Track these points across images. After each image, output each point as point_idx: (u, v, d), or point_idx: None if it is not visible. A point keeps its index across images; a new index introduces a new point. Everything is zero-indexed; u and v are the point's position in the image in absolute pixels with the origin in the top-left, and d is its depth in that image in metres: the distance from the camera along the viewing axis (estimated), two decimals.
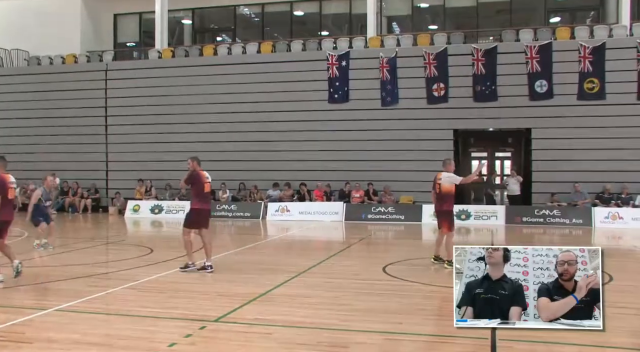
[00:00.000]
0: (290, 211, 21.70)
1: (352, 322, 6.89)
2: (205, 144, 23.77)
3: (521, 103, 20.69)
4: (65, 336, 6.11)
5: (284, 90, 23.20)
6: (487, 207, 21.22)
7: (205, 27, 29.30)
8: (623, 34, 20.90)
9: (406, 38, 23.10)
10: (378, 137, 22.12)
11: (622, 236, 17.41)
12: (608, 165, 20.30)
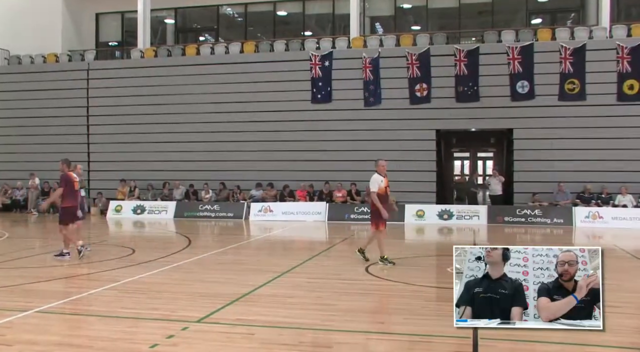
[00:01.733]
0: (273, 211, 21.67)
1: (334, 322, 6.91)
2: (188, 144, 23.70)
3: (503, 103, 20.84)
4: (46, 337, 6.06)
5: (267, 91, 23.16)
6: (470, 207, 21.35)
7: (188, 27, 29.17)
8: (603, 36, 21.12)
9: (389, 38, 23.16)
10: (361, 137, 22.15)
11: (602, 236, 17.59)
12: (588, 166, 20.50)
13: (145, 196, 23.66)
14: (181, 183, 23.45)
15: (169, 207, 22.57)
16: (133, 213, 22.75)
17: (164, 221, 21.70)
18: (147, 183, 23.66)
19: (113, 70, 25.26)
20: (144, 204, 22.99)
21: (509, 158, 22.51)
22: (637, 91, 19.50)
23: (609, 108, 20.28)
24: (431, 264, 12.54)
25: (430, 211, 20.76)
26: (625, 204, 19.83)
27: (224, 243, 15.05)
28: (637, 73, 19.42)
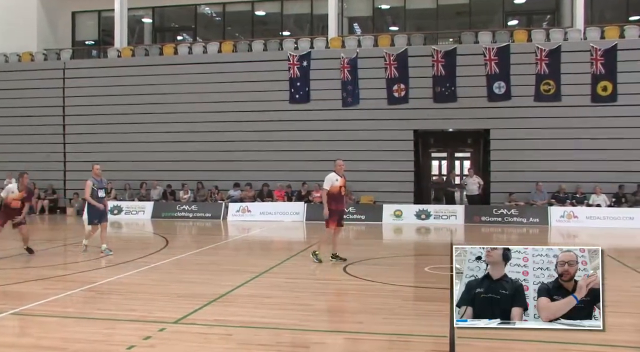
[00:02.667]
0: (251, 212, 21.62)
1: (312, 322, 6.92)
2: (166, 144, 23.55)
3: (480, 104, 21.00)
4: (21, 340, 6.00)
5: (245, 90, 23.11)
6: (447, 207, 21.50)
7: (166, 26, 29.00)
8: (577, 38, 21.39)
9: (367, 39, 23.24)
10: (339, 138, 22.20)
11: (577, 235, 17.82)
12: (563, 166, 20.75)
13: (122, 196, 23.46)
14: (159, 183, 23.29)
15: (146, 207, 22.42)
16: (110, 214, 22.46)
17: (141, 221, 21.56)
18: (124, 183, 23.46)
19: (89, 69, 25.02)
20: (121, 204, 22.80)
21: (486, 158, 22.70)
22: (611, 93, 19.75)
23: (583, 109, 20.55)
24: (409, 263, 12.61)
25: (407, 210, 20.87)
26: (599, 203, 20.11)
27: (201, 243, 14.99)
28: (611, 75, 19.66)
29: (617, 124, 20.39)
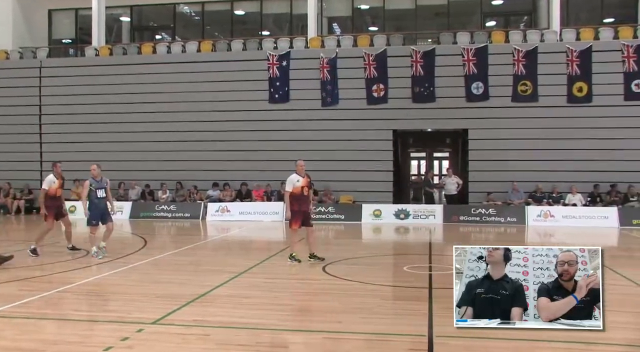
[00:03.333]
0: (230, 211, 21.56)
1: (291, 322, 6.93)
2: (144, 144, 23.39)
3: (458, 104, 21.16)
4: None
5: (224, 90, 23.03)
6: (426, 207, 21.61)
7: (144, 25, 28.78)
8: (554, 39, 21.63)
9: (346, 39, 23.29)
10: (318, 137, 22.22)
11: (553, 234, 18.02)
12: (540, 166, 20.97)
13: None
14: (137, 183, 23.12)
15: (124, 207, 22.22)
16: None
17: (120, 221, 21.33)
18: None
19: (66, 68, 24.76)
20: None
21: (464, 158, 22.87)
22: (586, 93, 20.08)
23: (559, 109, 20.79)
24: (388, 263, 12.67)
25: (386, 210, 20.95)
26: (575, 203, 20.37)
27: (180, 244, 14.93)
28: (586, 76, 19.98)
29: (592, 125, 20.66)
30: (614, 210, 19.51)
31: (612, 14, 24.14)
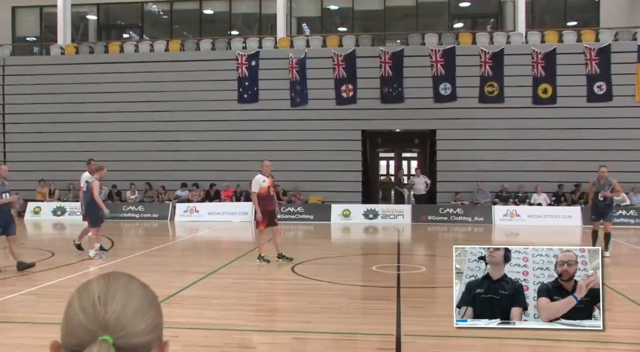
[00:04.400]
0: (199, 212, 21.44)
1: (260, 322, 6.94)
2: (112, 144, 23.08)
3: (426, 105, 21.34)
4: None
5: (193, 90, 22.87)
6: (394, 207, 21.78)
7: (111, 24, 28.43)
8: (519, 41, 21.97)
9: (315, 39, 23.33)
10: (287, 138, 22.21)
11: (519, 233, 18.32)
12: (506, 166, 21.27)
13: (65, 196, 22.91)
14: (104, 183, 22.81)
15: None
16: (53, 215, 22.00)
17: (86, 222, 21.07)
18: (67, 183, 22.91)
19: (31, 66, 24.33)
20: (65, 205, 22.26)
21: (432, 158, 23.08)
22: (551, 95, 20.39)
23: (525, 110, 21.11)
24: (357, 263, 12.73)
25: (355, 210, 21.05)
26: (540, 202, 20.71)
27: (148, 244, 14.81)
28: (551, 78, 20.32)
29: (556, 126, 21.02)
30: (577, 209, 19.89)
31: (575, 18, 24.64)
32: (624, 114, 20.63)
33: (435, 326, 6.67)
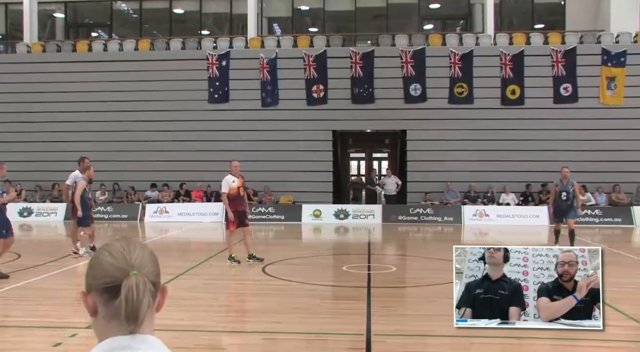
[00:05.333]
0: (169, 212, 21.27)
1: (230, 323, 6.92)
2: (80, 144, 22.70)
3: (397, 106, 21.48)
4: None
5: (163, 89, 22.67)
6: (365, 207, 21.88)
7: (79, 22, 28.04)
8: (488, 43, 22.23)
9: (286, 39, 23.32)
10: (258, 138, 22.15)
11: (488, 232, 18.54)
12: (475, 166, 21.49)
13: (32, 197, 22.54)
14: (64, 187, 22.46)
15: (58, 209, 21.61)
16: (19, 216, 21.58)
17: (54, 223, 20.81)
18: (34, 184, 22.55)
19: None
20: (32, 206, 21.90)
21: (403, 158, 23.23)
22: (519, 96, 20.72)
23: (493, 111, 21.37)
24: (327, 263, 12.75)
25: (326, 210, 21.08)
26: (508, 202, 20.99)
27: None
28: (519, 79, 20.64)
29: (524, 126, 21.31)
30: (545, 209, 20.18)
31: (542, 20, 25.03)
32: (589, 116, 21.01)
33: (405, 326, 6.73)
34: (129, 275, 1.50)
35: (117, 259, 1.53)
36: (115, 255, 1.54)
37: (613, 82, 20.46)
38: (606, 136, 21.01)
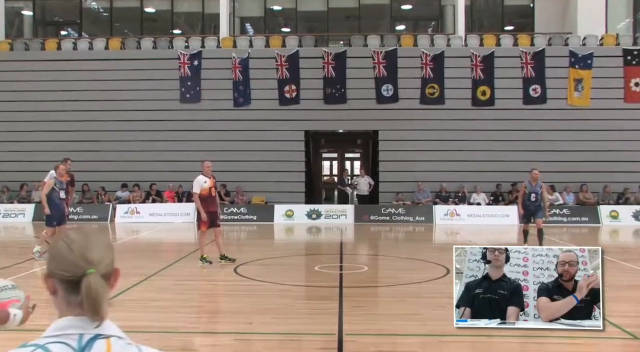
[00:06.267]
0: (140, 213, 21.08)
1: (202, 324, 6.89)
2: (49, 144, 22.38)
3: (369, 106, 21.57)
4: None
5: (134, 89, 22.43)
6: (337, 207, 21.93)
7: (48, 20, 27.61)
8: (459, 44, 22.43)
9: (259, 39, 23.25)
10: (230, 138, 22.05)
11: (459, 232, 18.73)
12: (447, 166, 21.67)
13: (0, 198, 22.15)
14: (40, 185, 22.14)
15: (26, 209, 21.27)
16: None
17: (22, 224, 20.48)
18: (2, 185, 22.16)
19: None
20: None
21: (375, 158, 23.33)
22: (489, 97, 21.01)
23: (464, 112, 21.57)
24: (299, 263, 12.78)
25: (299, 210, 21.09)
26: (479, 202, 21.22)
27: None
28: (489, 80, 20.92)
29: (494, 127, 21.55)
30: (514, 208, 20.39)
31: (512, 22, 25.35)
32: (558, 117, 21.34)
33: (376, 325, 6.78)
34: (86, 273, 1.59)
35: (76, 255, 1.61)
36: (74, 250, 1.61)
37: (580, 84, 20.86)
38: (574, 137, 21.36)
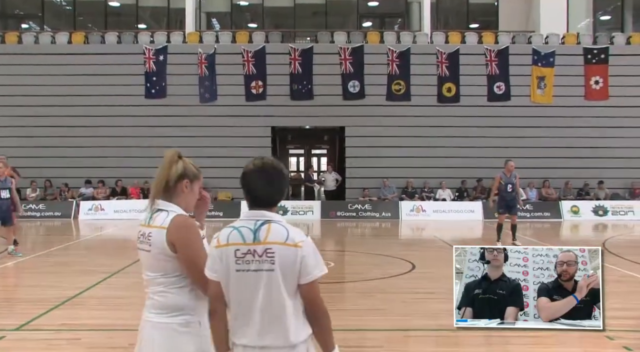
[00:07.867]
0: (104, 210, 20.81)
1: None
2: (8, 139, 21.91)
3: (335, 102, 21.63)
4: None
5: (97, 84, 22.08)
6: (304, 203, 21.94)
7: (9, 13, 27.03)
8: (425, 41, 22.61)
9: (225, 35, 23.11)
10: (196, 134, 21.86)
11: (425, 227, 18.91)
12: (412, 162, 21.85)
13: None
14: None
15: None
16: None
17: None
18: None
19: None
20: None
21: (342, 155, 23.40)
22: (454, 94, 21.25)
23: (430, 109, 21.77)
24: None
25: None
26: (444, 198, 21.44)
27: (49, 244, 14.23)
28: (454, 77, 21.15)
29: (459, 124, 21.78)
30: (479, 204, 20.73)
31: (477, 21, 25.66)
32: (521, 113, 21.67)
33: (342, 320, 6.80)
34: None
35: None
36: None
37: (543, 81, 21.23)
38: (536, 133, 21.71)
